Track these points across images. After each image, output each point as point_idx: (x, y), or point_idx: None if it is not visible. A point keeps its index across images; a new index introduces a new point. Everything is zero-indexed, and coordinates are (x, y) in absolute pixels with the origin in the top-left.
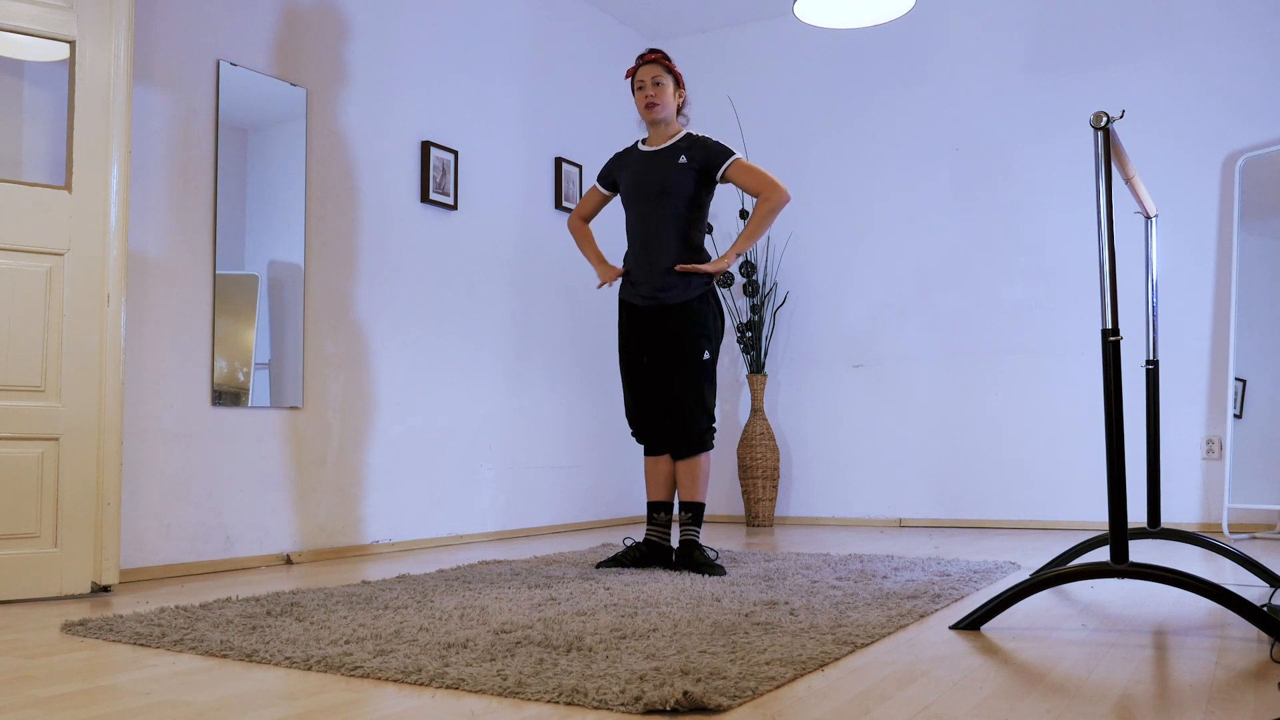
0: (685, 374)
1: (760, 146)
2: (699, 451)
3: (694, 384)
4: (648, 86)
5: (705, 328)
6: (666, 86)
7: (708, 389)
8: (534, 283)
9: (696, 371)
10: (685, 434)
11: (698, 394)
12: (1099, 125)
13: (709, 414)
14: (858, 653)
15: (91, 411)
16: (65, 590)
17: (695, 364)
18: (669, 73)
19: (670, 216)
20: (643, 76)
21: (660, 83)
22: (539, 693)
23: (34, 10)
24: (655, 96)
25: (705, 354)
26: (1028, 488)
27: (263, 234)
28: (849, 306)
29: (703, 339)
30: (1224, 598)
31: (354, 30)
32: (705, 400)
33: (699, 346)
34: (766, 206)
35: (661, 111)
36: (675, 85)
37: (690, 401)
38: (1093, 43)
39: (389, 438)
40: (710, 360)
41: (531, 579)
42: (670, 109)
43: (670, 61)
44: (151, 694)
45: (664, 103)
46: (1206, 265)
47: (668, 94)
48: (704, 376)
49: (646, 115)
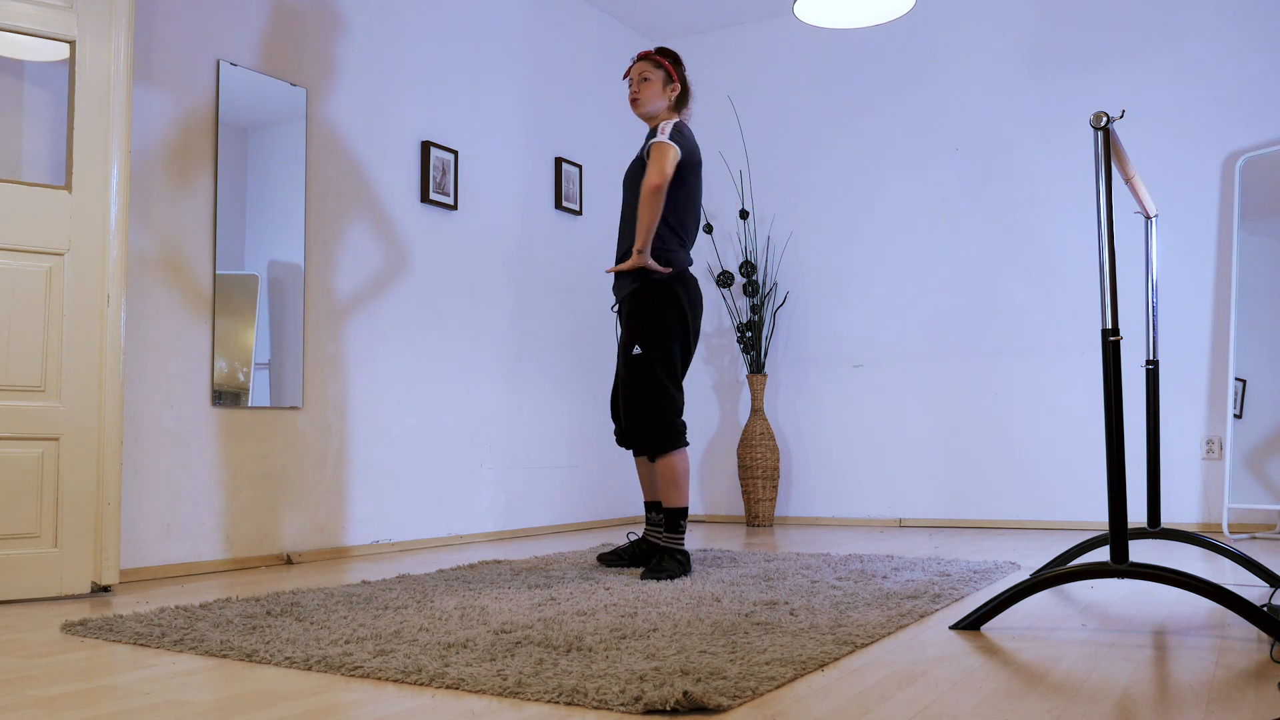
0: (624, 370)
1: (760, 146)
2: (660, 451)
3: (630, 381)
4: (633, 83)
5: (638, 322)
6: (653, 82)
7: (645, 386)
8: (534, 283)
9: (630, 367)
10: (634, 432)
11: (634, 390)
12: (1099, 125)
13: (652, 411)
14: (858, 653)
15: (91, 411)
16: (65, 590)
17: (628, 360)
18: (659, 68)
19: (632, 208)
20: (631, 74)
21: (647, 78)
22: (539, 693)
23: (34, 10)
24: (636, 92)
25: (635, 349)
26: (1028, 488)
27: (263, 234)
28: (849, 306)
29: (635, 334)
30: (1224, 598)
31: (354, 30)
32: (644, 397)
33: (630, 341)
34: (642, 193)
35: (642, 107)
36: (668, 80)
37: (630, 399)
38: (1093, 43)
39: (389, 438)
40: (643, 355)
41: (531, 579)
42: (653, 104)
43: (663, 57)
44: (151, 694)
45: (645, 98)
46: (1206, 265)
47: (651, 89)
48: (638, 373)
49: (632, 109)
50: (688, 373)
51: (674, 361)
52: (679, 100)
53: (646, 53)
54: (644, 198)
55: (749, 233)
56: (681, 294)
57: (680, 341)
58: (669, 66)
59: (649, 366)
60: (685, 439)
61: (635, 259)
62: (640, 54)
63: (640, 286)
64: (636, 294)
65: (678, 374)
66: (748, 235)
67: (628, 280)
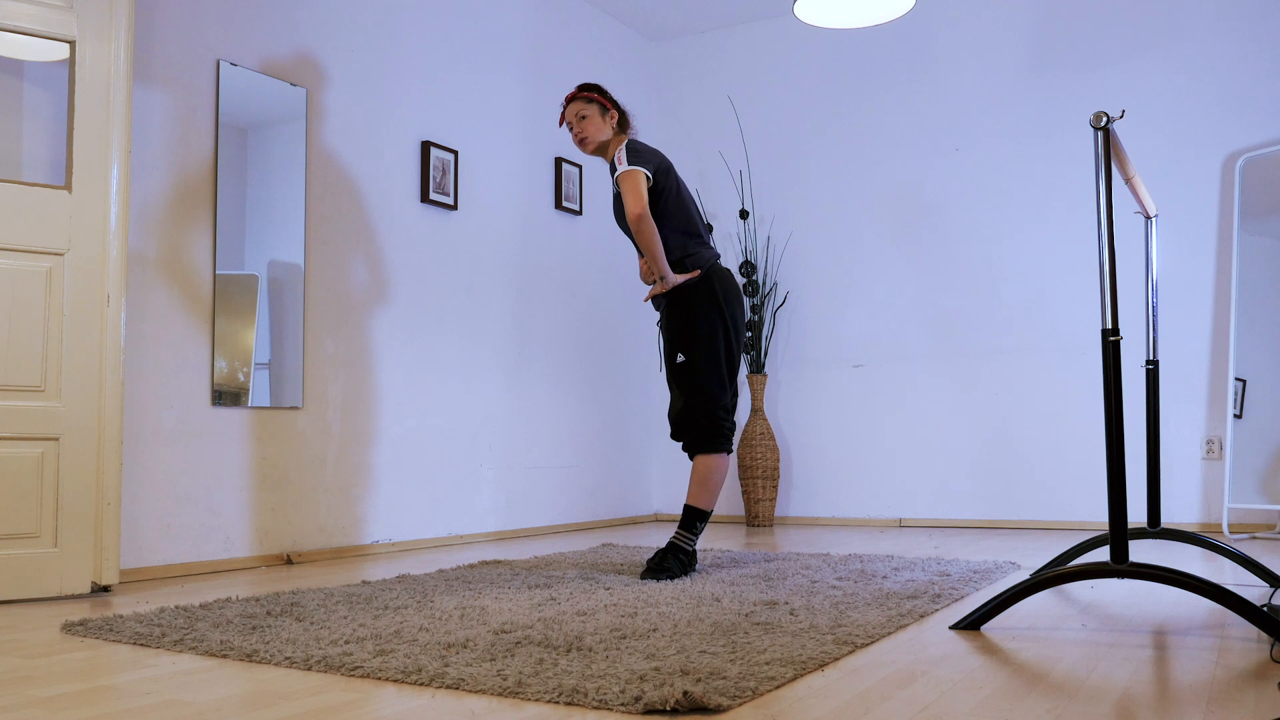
0: (670, 378)
1: (760, 146)
2: (698, 450)
3: (677, 388)
4: (574, 124)
5: (678, 330)
6: (591, 117)
7: (691, 391)
8: (534, 283)
9: (676, 375)
10: (681, 435)
11: (681, 396)
12: (1099, 125)
13: (697, 414)
14: (858, 653)
15: (91, 411)
16: (65, 590)
17: (673, 368)
18: (590, 102)
19: (630, 233)
20: (568, 117)
21: (584, 115)
22: (539, 693)
23: (34, 10)
24: (581, 131)
25: (679, 357)
26: (1028, 488)
27: (263, 234)
28: (849, 306)
29: (677, 342)
30: (1224, 598)
31: (354, 30)
32: (690, 401)
33: (673, 350)
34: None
35: (590, 145)
36: (603, 110)
37: (677, 404)
38: (1093, 43)
39: (389, 438)
40: (687, 363)
41: (531, 579)
42: (599, 137)
43: (591, 91)
44: (151, 694)
45: (591, 134)
46: (1206, 265)
47: (593, 125)
48: (684, 380)
49: (581, 150)
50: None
51: (718, 362)
52: (620, 124)
53: (572, 95)
54: (634, 229)
55: (749, 233)
56: (717, 288)
57: (722, 339)
58: (599, 98)
59: (693, 372)
60: (728, 445)
61: (664, 285)
62: (566, 98)
63: (675, 292)
64: (673, 302)
65: (723, 375)
66: (748, 235)
67: (665, 296)
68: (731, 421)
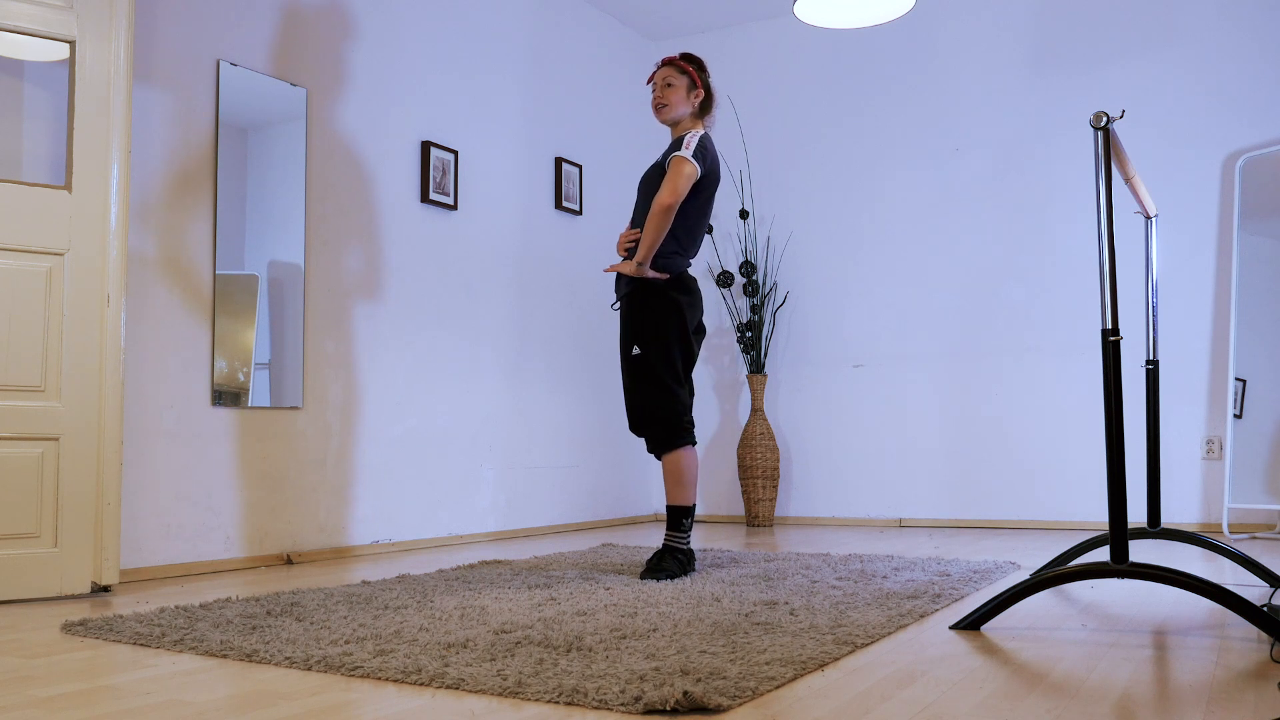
0: (625, 371)
1: (760, 146)
2: (665, 448)
3: (632, 381)
4: (658, 88)
5: (636, 324)
6: (677, 88)
7: (646, 385)
8: (534, 282)
9: (631, 367)
10: (641, 431)
11: (636, 390)
12: (1099, 125)
13: (655, 409)
14: (858, 653)
15: (91, 411)
16: (65, 590)
17: (629, 361)
18: (683, 73)
19: (644, 213)
20: (655, 79)
21: (671, 84)
22: (539, 693)
23: (34, 10)
24: (662, 98)
25: (634, 350)
26: (1028, 488)
27: (263, 234)
28: (849, 306)
29: (633, 335)
30: (1224, 598)
31: (354, 30)
32: (647, 396)
33: (629, 342)
34: (652, 209)
35: (668, 113)
36: (692, 86)
37: (633, 398)
38: (1093, 43)
39: (389, 438)
40: (642, 355)
41: (531, 579)
42: (677, 110)
43: (687, 64)
44: (151, 694)
45: (671, 104)
46: (1206, 265)
47: (676, 95)
48: (639, 373)
49: (656, 116)
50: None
51: (673, 359)
52: (703, 107)
53: (671, 58)
54: (654, 213)
55: (749, 233)
56: (678, 295)
57: (680, 342)
58: (693, 73)
59: (649, 365)
60: (691, 437)
61: (634, 269)
62: (664, 59)
63: (637, 288)
64: (634, 296)
65: (679, 371)
66: (748, 235)
67: (624, 281)
68: (690, 416)
